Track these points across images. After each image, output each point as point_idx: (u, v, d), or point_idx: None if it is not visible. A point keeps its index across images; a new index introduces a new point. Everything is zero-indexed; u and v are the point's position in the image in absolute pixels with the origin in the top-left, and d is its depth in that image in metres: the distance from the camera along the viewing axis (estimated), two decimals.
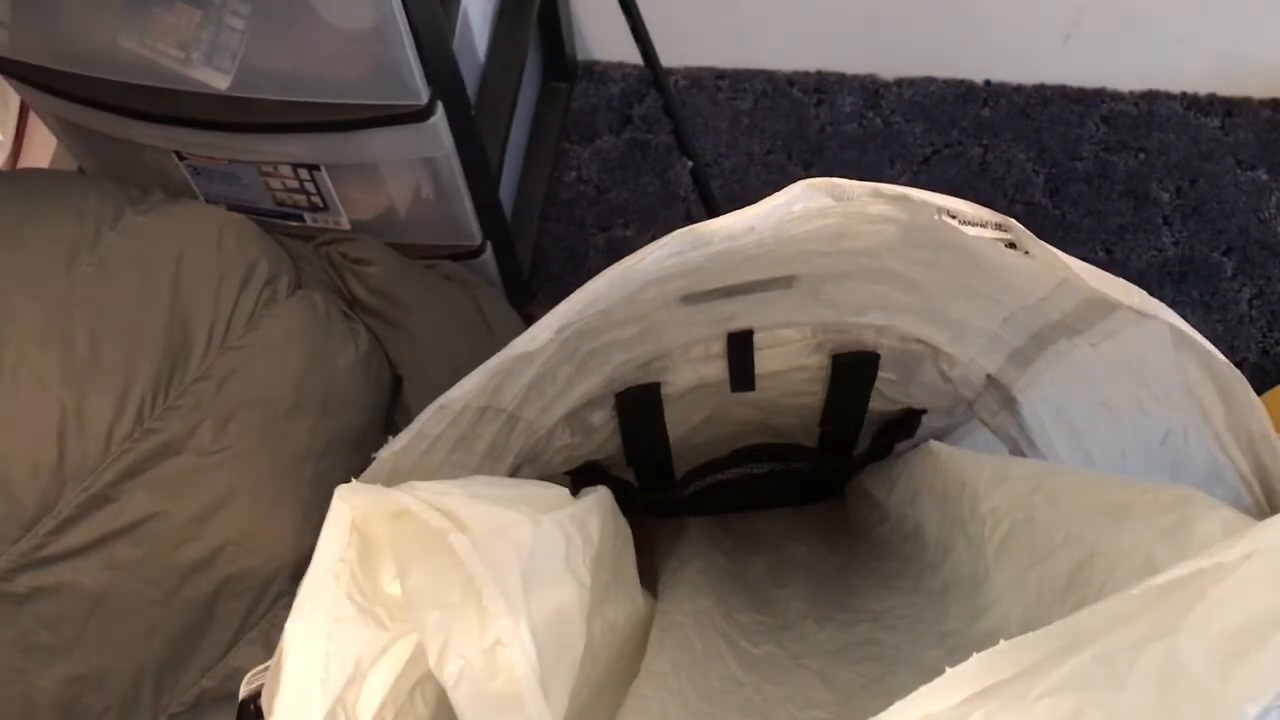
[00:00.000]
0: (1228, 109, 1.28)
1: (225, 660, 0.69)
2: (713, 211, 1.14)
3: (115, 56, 0.80)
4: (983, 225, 0.41)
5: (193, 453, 0.67)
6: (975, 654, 0.29)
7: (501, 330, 0.92)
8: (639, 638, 0.56)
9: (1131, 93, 1.29)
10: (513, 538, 0.37)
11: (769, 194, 0.41)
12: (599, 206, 1.27)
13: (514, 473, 0.58)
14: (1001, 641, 0.30)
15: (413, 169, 0.91)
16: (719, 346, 0.62)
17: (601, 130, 1.31)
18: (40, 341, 0.65)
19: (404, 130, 0.82)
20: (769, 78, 1.33)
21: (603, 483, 0.58)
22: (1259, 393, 0.40)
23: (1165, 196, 1.24)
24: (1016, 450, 0.60)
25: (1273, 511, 0.41)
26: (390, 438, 0.45)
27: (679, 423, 0.69)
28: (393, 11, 0.72)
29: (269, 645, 0.70)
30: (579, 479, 0.69)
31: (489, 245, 1.01)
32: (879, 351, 0.62)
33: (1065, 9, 1.20)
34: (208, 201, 0.96)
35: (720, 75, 1.33)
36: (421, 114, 0.81)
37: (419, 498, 0.36)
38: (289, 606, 0.35)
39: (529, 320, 1.03)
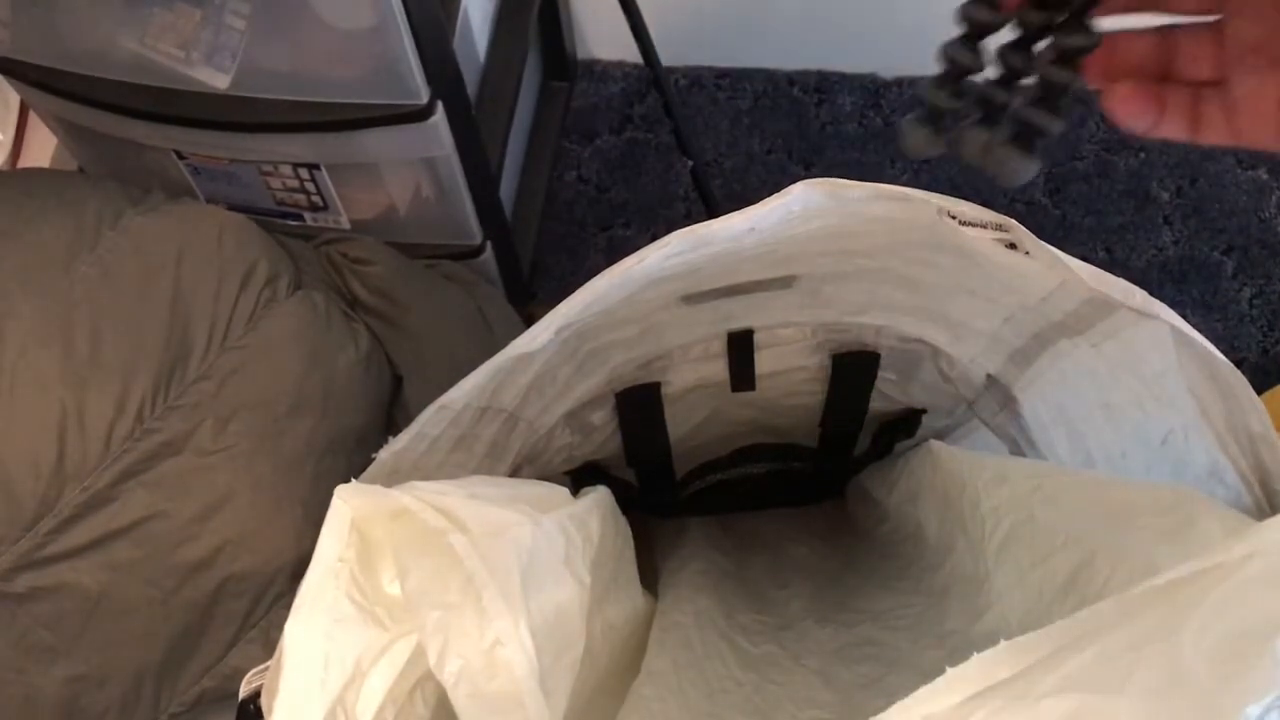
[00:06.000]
0: None
1: (225, 660, 0.69)
2: (713, 211, 1.14)
3: (115, 56, 0.80)
4: (983, 226, 0.41)
5: (193, 453, 0.67)
6: (975, 654, 0.29)
7: (501, 330, 0.92)
8: (639, 638, 0.56)
9: None
10: (513, 538, 0.37)
11: (769, 193, 0.41)
12: (599, 206, 1.27)
13: (514, 473, 0.58)
14: (1002, 642, 0.29)
15: (413, 169, 0.91)
16: (719, 346, 0.62)
17: (601, 130, 1.31)
18: (40, 341, 0.65)
19: (404, 130, 0.82)
20: (769, 77, 1.32)
21: (603, 483, 0.58)
22: (1259, 393, 0.40)
23: (1165, 196, 1.24)
24: (1017, 450, 0.60)
25: (1273, 511, 0.41)
26: (390, 438, 0.45)
27: (679, 422, 0.68)
28: (393, 11, 0.72)
29: (269, 645, 0.70)
30: (579, 479, 0.69)
31: (489, 245, 1.01)
32: (879, 351, 0.62)
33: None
34: (208, 201, 0.96)
35: (720, 75, 1.33)
36: (421, 114, 0.81)
37: (419, 498, 0.36)
38: (289, 607, 0.35)
39: (529, 320, 1.03)
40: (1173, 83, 0.31)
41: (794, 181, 0.41)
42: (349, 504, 0.36)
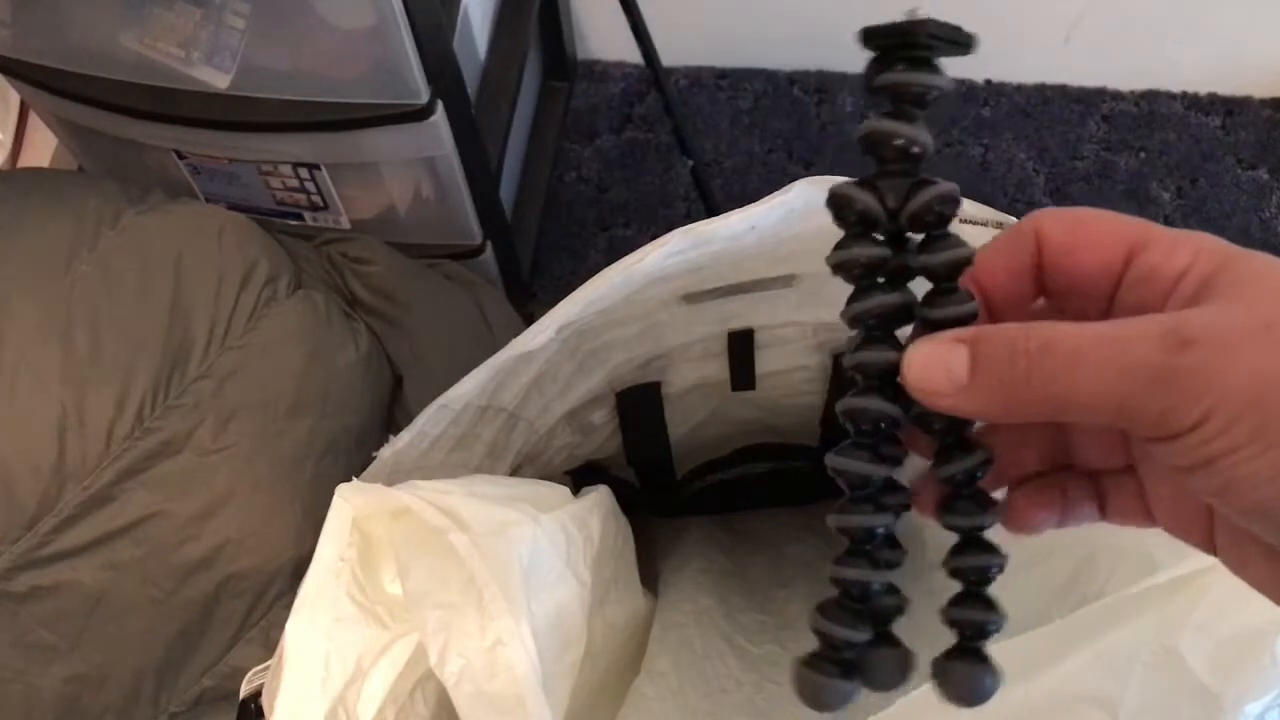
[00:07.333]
0: (1228, 109, 1.28)
1: (226, 660, 0.69)
2: (713, 211, 1.14)
3: (115, 55, 0.80)
4: (983, 223, 0.41)
5: (193, 452, 0.67)
6: None
7: (501, 330, 0.92)
8: (639, 637, 0.56)
9: (1132, 92, 1.29)
10: (513, 537, 0.37)
11: (769, 193, 0.41)
12: (599, 206, 1.27)
13: (514, 472, 0.58)
14: (1002, 642, 0.30)
15: (413, 168, 0.91)
16: (719, 345, 0.62)
17: (602, 129, 1.31)
18: (40, 341, 0.65)
19: (404, 129, 0.82)
20: (769, 77, 1.32)
21: (603, 482, 0.58)
22: None
23: (1166, 196, 1.24)
24: None
25: None
26: (391, 437, 0.45)
27: (679, 422, 0.68)
28: (393, 10, 0.72)
29: (269, 645, 0.70)
30: (579, 478, 0.69)
31: (489, 244, 1.01)
32: None
33: (1065, 9, 1.20)
34: (208, 201, 0.96)
35: (720, 75, 1.33)
36: (421, 113, 0.81)
37: (420, 497, 0.36)
38: (289, 606, 0.36)
39: (529, 320, 1.02)
40: (1073, 472, 0.28)
41: (794, 181, 0.41)
42: (350, 502, 0.36)
